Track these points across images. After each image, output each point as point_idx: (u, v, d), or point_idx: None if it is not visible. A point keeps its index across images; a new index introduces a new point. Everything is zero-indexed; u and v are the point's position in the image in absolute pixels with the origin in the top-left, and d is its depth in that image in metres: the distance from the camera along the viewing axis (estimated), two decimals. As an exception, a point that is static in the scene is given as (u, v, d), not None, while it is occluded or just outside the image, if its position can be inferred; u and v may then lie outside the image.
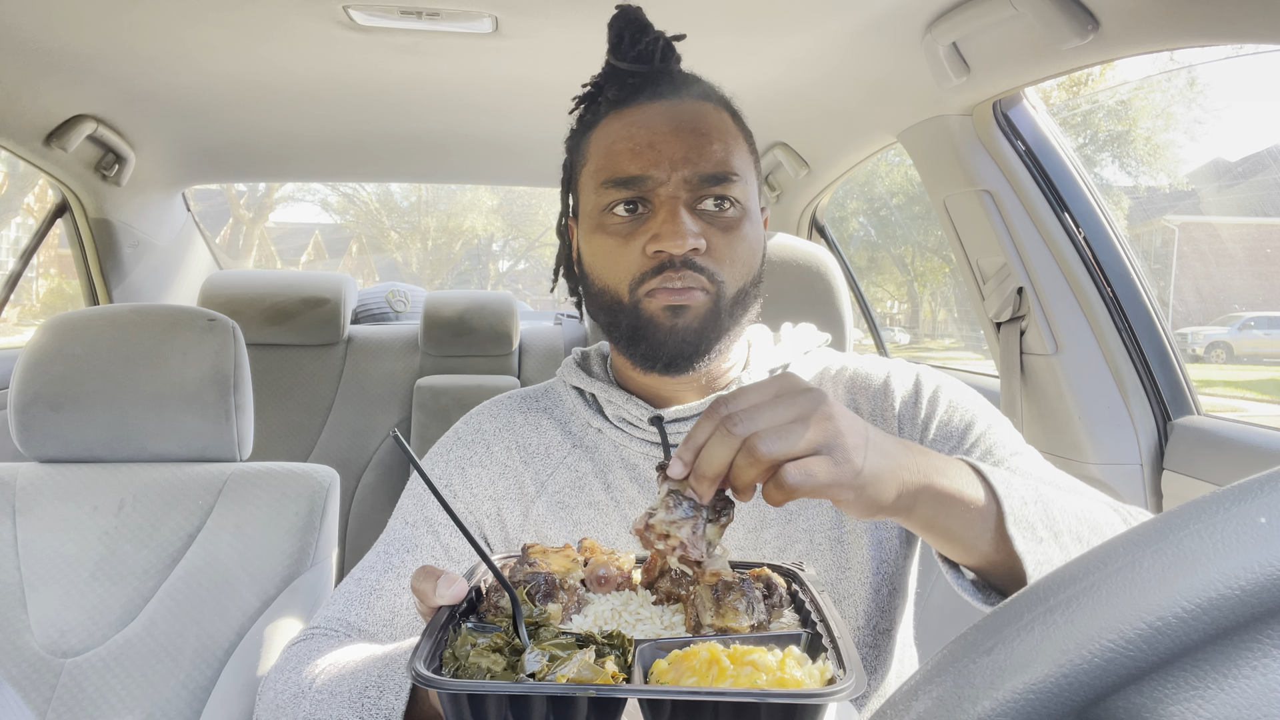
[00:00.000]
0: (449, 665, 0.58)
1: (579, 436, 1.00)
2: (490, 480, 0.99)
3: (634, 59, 0.93)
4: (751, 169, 0.95)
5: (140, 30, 1.63)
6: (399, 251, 19.21)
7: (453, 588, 0.64)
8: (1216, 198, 5.91)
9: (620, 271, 0.91)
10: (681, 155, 0.88)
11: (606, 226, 0.91)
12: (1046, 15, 1.22)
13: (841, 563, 0.93)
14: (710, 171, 0.88)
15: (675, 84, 0.93)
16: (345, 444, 2.66)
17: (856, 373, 1.02)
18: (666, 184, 0.88)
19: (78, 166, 2.21)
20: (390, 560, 0.95)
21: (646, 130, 0.89)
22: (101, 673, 1.30)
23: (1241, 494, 0.29)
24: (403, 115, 2.24)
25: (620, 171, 0.89)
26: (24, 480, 1.41)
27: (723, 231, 0.90)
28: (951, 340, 9.22)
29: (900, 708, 0.32)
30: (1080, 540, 0.74)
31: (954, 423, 0.95)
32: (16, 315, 7.57)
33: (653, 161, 0.88)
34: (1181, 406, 1.62)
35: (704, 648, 0.56)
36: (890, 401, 0.98)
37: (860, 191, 7.69)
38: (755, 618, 0.63)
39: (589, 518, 0.95)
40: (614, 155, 0.90)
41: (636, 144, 0.89)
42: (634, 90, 0.92)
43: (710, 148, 0.89)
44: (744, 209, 0.91)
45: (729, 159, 0.90)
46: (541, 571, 0.66)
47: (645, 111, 0.91)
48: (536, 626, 0.62)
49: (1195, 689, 0.27)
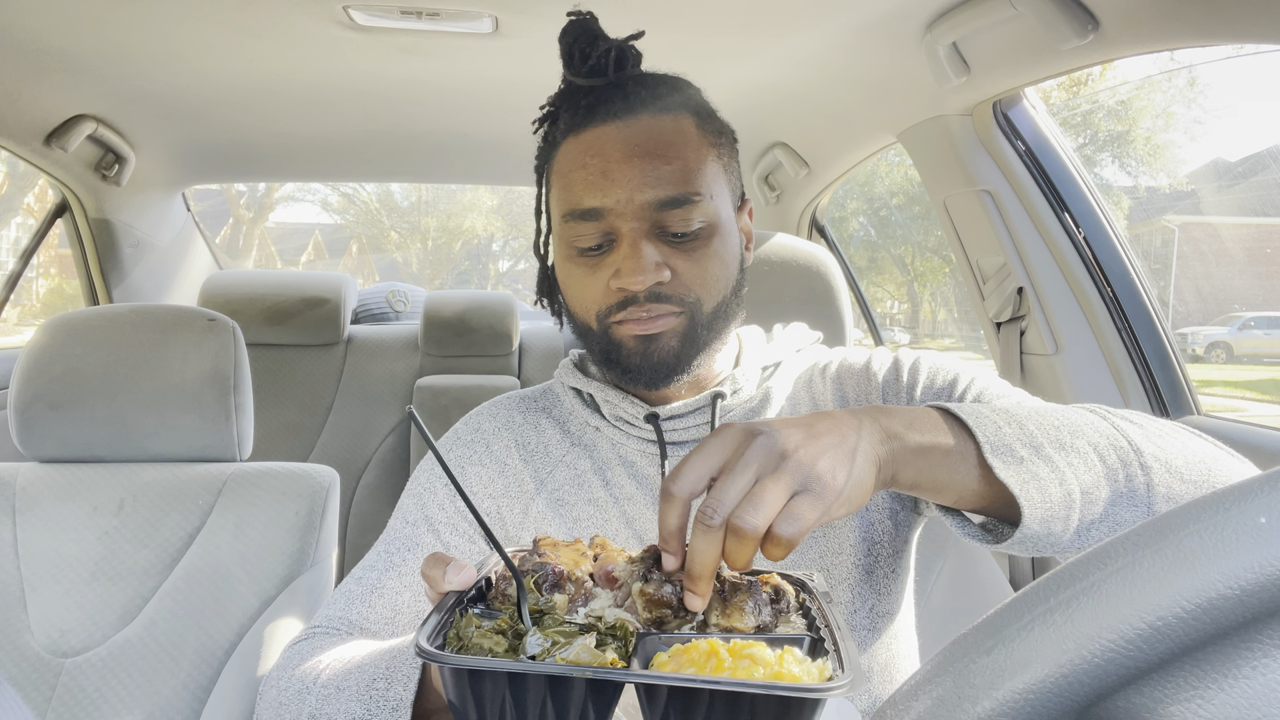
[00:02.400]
0: (453, 645, 0.59)
1: (577, 435, 1.00)
2: (490, 479, 0.99)
3: (587, 73, 0.89)
4: (721, 176, 0.91)
5: (140, 30, 1.63)
6: (399, 251, 19.21)
7: (461, 574, 0.65)
8: (1216, 198, 5.91)
9: (587, 303, 0.90)
10: (637, 181, 0.85)
11: (573, 257, 0.90)
12: (1046, 15, 1.22)
13: (834, 548, 0.92)
14: (669, 195, 0.85)
15: (630, 100, 0.88)
16: (345, 444, 2.66)
17: (841, 364, 1.02)
18: (625, 214, 0.85)
19: (78, 166, 2.21)
20: (391, 559, 0.95)
21: (599, 158, 0.86)
22: (101, 673, 1.30)
23: (1241, 494, 0.29)
24: (403, 115, 2.24)
25: (577, 204, 0.87)
26: (24, 480, 1.41)
27: (689, 254, 0.87)
28: (951, 340, 9.22)
29: (900, 708, 0.32)
30: (1063, 447, 0.72)
31: (938, 384, 0.94)
32: (16, 315, 7.57)
33: (606, 191, 0.85)
34: (1181, 406, 1.62)
35: (704, 641, 0.56)
36: (873, 383, 0.98)
37: (860, 191, 7.69)
38: (761, 619, 0.63)
39: (588, 514, 0.95)
40: (571, 186, 0.88)
41: (590, 173, 0.86)
42: (588, 112, 0.88)
43: (667, 168, 0.86)
44: (713, 223, 0.88)
45: (689, 177, 0.86)
46: (550, 563, 0.66)
47: (599, 136, 0.87)
48: (541, 614, 0.63)
49: (1195, 689, 0.27)
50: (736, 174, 0.97)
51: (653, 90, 0.90)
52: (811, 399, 1.00)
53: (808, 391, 1.01)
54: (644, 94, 0.89)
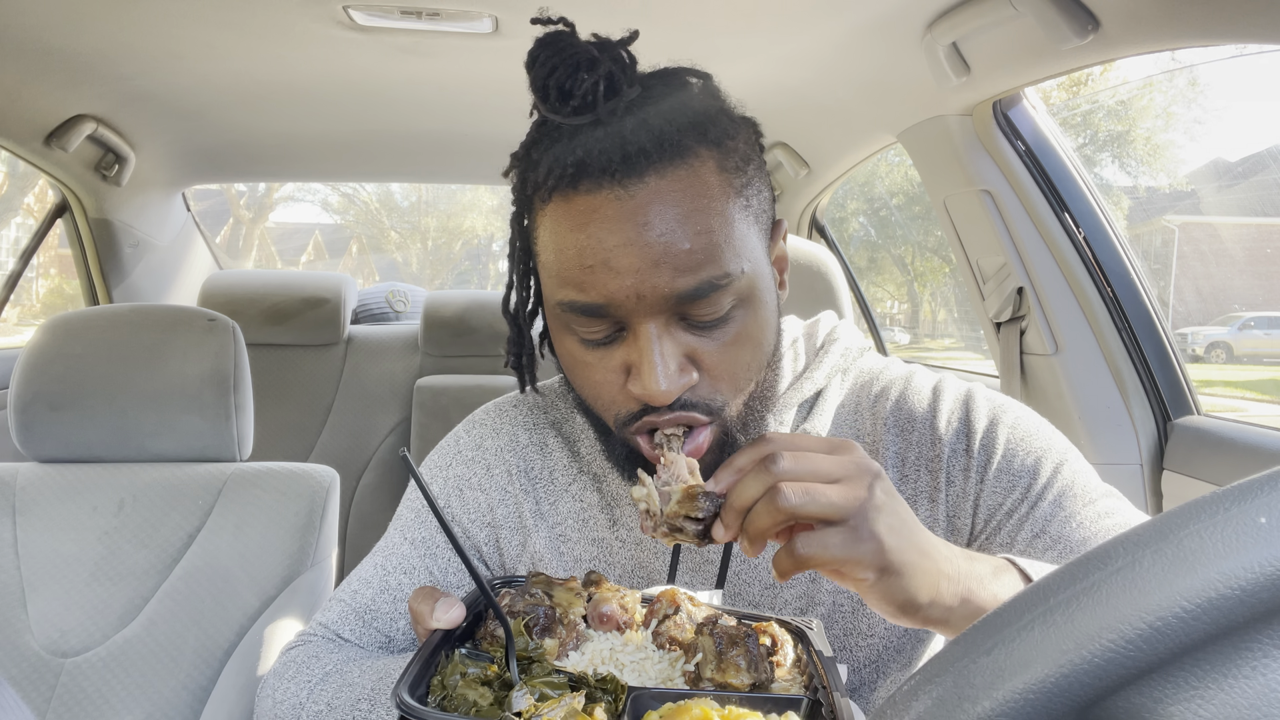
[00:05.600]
0: (436, 693, 0.57)
1: (587, 461, 0.90)
2: (489, 506, 0.91)
3: (571, 113, 0.69)
4: (750, 227, 0.72)
5: (140, 30, 1.63)
6: (399, 251, 19.20)
7: (450, 612, 0.63)
8: (1216, 198, 5.91)
9: (601, 400, 0.74)
10: (649, 273, 0.66)
11: (573, 337, 0.73)
12: (1046, 15, 1.22)
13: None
14: (691, 287, 0.67)
15: (629, 153, 0.67)
16: (345, 444, 2.66)
17: (899, 404, 0.85)
18: (637, 311, 0.68)
19: (78, 166, 2.21)
20: (387, 580, 0.91)
21: (597, 243, 0.67)
22: (101, 673, 1.30)
23: (1241, 494, 0.29)
24: (403, 115, 2.24)
25: (574, 296, 0.70)
26: (24, 480, 1.41)
27: (720, 345, 0.71)
28: (951, 340, 9.21)
29: (900, 708, 0.32)
30: None
31: (1018, 462, 0.79)
32: (16, 315, 7.56)
33: (611, 286, 0.67)
34: (1181, 406, 1.62)
35: (697, 705, 0.53)
36: (939, 447, 0.82)
37: (860, 191, 7.68)
38: (756, 676, 0.61)
39: (590, 554, 0.88)
40: (565, 269, 0.70)
41: (589, 261, 0.68)
42: (578, 170, 0.68)
43: (685, 251, 0.67)
44: (746, 298, 0.71)
45: (715, 255, 0.68)
46: (542, 605, 0.65)
47: (595, 208, 0.68)
48: (530, 661, 0.61)
49: (1195, 689, 0.27)
50: (766, 197, 0.77)
51: (657, 129, 0.69)
52: (856, 437, 0.87)
53: (853, 429, 0.87)
54: (646, 139, 0.68)
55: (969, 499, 0.81)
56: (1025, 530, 0.78)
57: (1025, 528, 0.78)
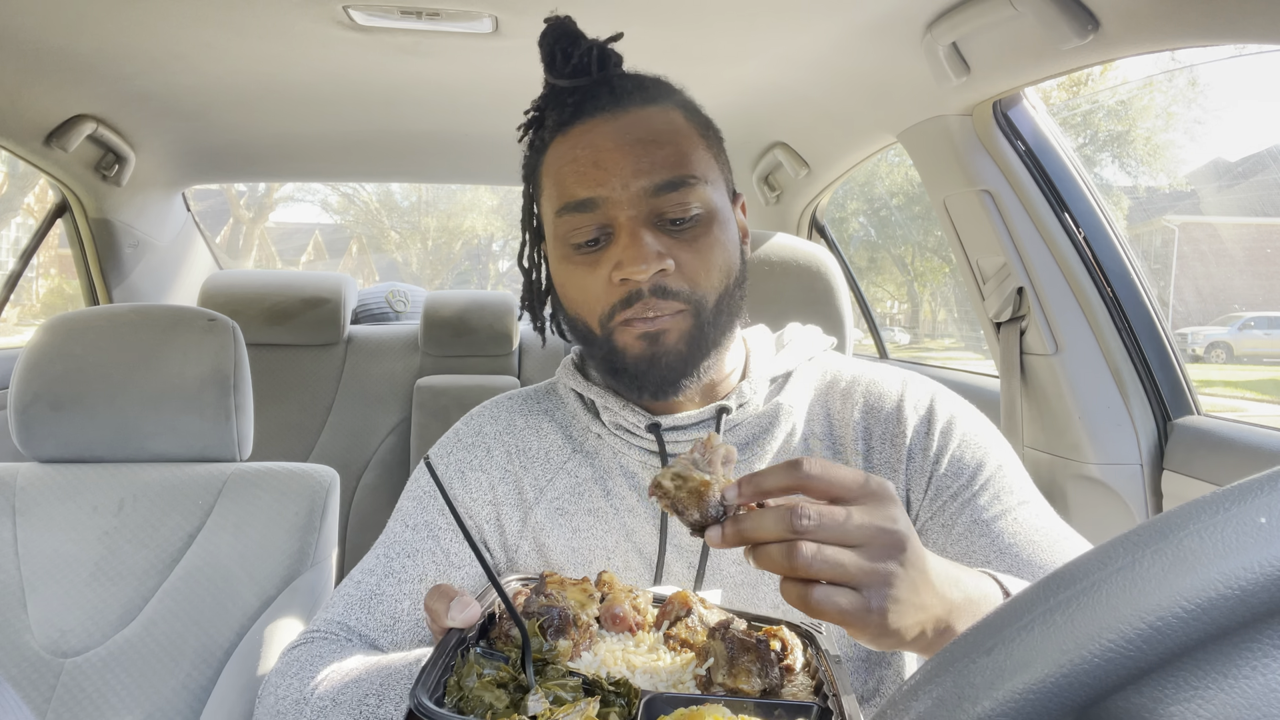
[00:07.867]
0: (452, 694, 0.58)
1: (579, 441, 0.98)
2: (490, 485, 0.97)
3: (570, 74, 0.89)
4: (714, 165, 0.91)
5: (140, 30, 1.63)
6: (399, 251, 19.20)
7: (466, 611, 0.64)
8: (1216, 198, 5.91)
9: (590, 303, 0.88)
10: (630, 168, 0.84)
11: (571, 256, 0.88)
12: (1046, 15, 1.22)
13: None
14: (664, 179, 0.84)
15: (616, 94, 0.88)
16: (345, 444, 2.66)
17: (868, 392, 0.96)
18: (621, 202, 0.84)
19: (78, 166, 2.21)
20: (391, 565, 0.94)
21: (591, 149, 0.86)
22: (101, 673, 1.30)
23: (1241, 494, 0.29)
24: (403, 115, 2.24)
25: (571, 196, 0.86)
26: (24, 480, 1.41)
27: (690, 243, 0.86)
28: (951, 340, 9.21)
29: (900, 708, 0.32)
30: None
31: (966, 459, 0.90)
32: (16, 315, 7.56)
33: (601, 181, 0.84)
34: (1181, 406, 1.62)
35: (710, 712, 0.54)
36: (903, 428, 0.92)
37: (860, 191, 7.69)
38: (768, 682, 0.61)
39: (588, 524, 0.93)
40: (564, 181, 0.87)
41: (582, 165, 0.85)
42: (575, 109, 0.88)
43: (660, 153, 0.85)
44: (710, 210, 0.87)
45: (683, 161, 0.86)
46: (556, 606, 0.65)
47: (589, 130, 0.87)
48: (544, 663, 0.61)
49: (1195, 689, 0.27)
50: (727, 167, 0.95)
51: (638, 84, 0.90)
52: (828, 419, 0.96)
53: (823, 408, 0.97)
54: (630, 87, 0.89)
55: (924, 475, 0.90)
56: (965, 516, 0.87)
57: (965, 514, 0.87)
